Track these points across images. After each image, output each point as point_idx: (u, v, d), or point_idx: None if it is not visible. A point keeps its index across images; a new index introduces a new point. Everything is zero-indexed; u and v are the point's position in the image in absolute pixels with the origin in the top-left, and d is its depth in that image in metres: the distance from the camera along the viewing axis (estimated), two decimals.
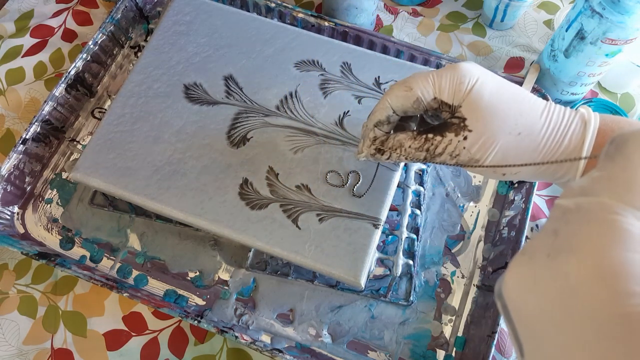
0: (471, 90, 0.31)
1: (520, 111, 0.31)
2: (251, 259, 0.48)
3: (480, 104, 0.31)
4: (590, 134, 0.30)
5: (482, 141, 0.31)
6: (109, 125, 0.46)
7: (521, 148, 0.31)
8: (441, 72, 0.33)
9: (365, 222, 0.42)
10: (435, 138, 0.33)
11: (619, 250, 0.17)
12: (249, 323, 0.47)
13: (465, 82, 0.32)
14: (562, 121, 0.31)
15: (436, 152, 0.33)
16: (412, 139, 0.34)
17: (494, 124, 0.31)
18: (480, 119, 0.31)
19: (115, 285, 0.45)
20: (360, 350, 0.46)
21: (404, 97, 0.33)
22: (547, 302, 0.18)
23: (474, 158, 0.32)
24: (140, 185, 0.44)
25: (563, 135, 0.30)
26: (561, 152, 0.30)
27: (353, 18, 0.58)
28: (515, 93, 0.32)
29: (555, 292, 0.18)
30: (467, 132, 0.31)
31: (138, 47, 0.61)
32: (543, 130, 0.30)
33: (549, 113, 0.31)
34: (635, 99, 0.57)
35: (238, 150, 0.45)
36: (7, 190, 0.50)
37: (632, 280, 0.16)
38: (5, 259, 0.50)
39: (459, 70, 0.32)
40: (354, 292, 0.47)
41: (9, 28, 0.63)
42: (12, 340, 0.47)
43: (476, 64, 0.33)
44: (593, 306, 0.17)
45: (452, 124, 0.32)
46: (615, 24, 0.42)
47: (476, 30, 0.62)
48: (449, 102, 0.32)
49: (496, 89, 0.32)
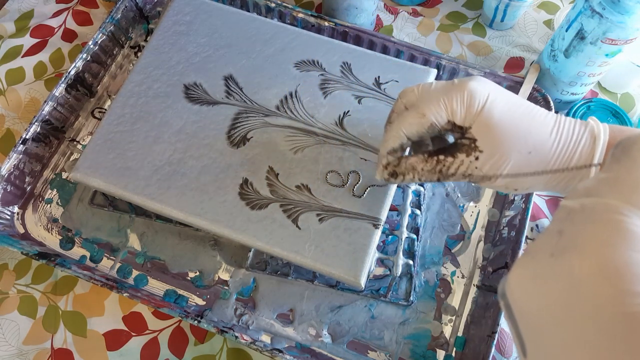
0: (482, 111, 0.32)
1: (530, 130, 0.31)
2: (251, 259, 0.48)
3: (491, 124, 0.31)
4: (600, 147, 0.30)
5: (494, 161, 0.31)
6: (109, 125, 0.46)
7: (532, 166, 0.31)
8: (451, 94, 0.32)
9: (365, 222, 0.42)
10: (447, 159, 0.33)
11: (624, 250, 0.17)
12: (249, 323, 0.47)
13: (476, 103, 0.32)
14: (572, 136, 0.31)
15: (449, 173, 0.33)
16: (424, 162, 0.34)
17: (504, 144, 0.31)
18: (490, 139, 0.31)
19: (115, 285, 0.45)
20: (360, 350, 0.46)
21: (418, 125, 0.33)
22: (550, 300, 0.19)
23: (487, 176, 0.32)
24: (140, 185, 0.44)
25: (573, 151, 0.31)
26: (572, 166, 0.31)
27: (353, 18, 0.58)
28: (526, 111, 0.32)
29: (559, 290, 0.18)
30: (479, 153, 0.32)
31: (138, 47, 0.61)
32: (553, 147, 0.31)
33: (559, 129, 0.31)
34: (635, 99, 0.57)
35: (238, 150, 0.45)
36: (7, 190, 0.50)
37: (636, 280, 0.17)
38: (5, 259, 0.50)
39: (468, 90, 0.32)
40: (354, 292, 0.47)
41: (9, 28, 0.63)
42: (12, 340, 0.47)
43: (485, 80, 0.33)
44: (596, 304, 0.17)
45: (463, 145, 0.33)
46: (615, 24, 0.42)
47: (476, 30, 0.62)
48: (461, 124, 0.32)
49: (506, 108, 0.32)
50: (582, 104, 0.54)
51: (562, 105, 0.55)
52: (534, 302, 0.19)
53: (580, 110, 0.53)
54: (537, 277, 0.20)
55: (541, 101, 0.52)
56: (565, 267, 0.18)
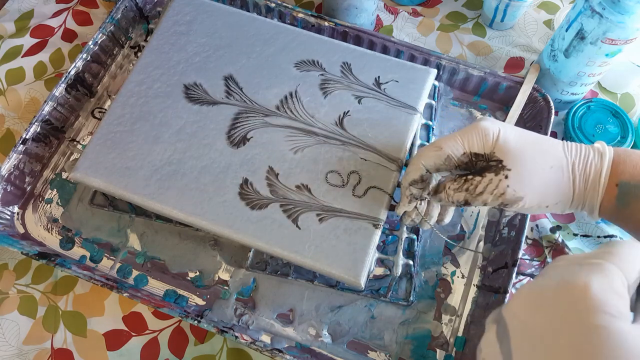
0: (498, 139, 0.35)
1: (544, 149, 0.34)
2: (251, 259, 0.48)
3: (510, 146, 0.34)
4: (607, 162, 0.33)
5: (523, 177, 0.34)
6: (109, 125, 0.46)
7: (556, 180, 0.34)
8: (465, 131, 0.36)
9: (365, 222, 0.42)
10: (475, 178, 0.35)
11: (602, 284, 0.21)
12: (249, 323, 0.47)
13: (490, 134, 0.35)
14: (581, 154, 0.34)
15: (477, 191, 0.35)
16: (452, 181, 0.36)
17: (527, 161, 0.34)
18: (515, 158, 0.34)
19: (115, 285, 0.45)
20: (360, 350, 0.46)
21: (435, 157, 0.36)
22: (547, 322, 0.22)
23: (519, 196, 0.34)
24: (140, 185, 0.44)
25: (584, 165, 0.34)
26: (586, 179, 0.33)
27: (353, 18, 0.58)
28: (535, 136, 0.35)
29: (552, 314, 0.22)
30: (507, 171, 0.34)
31: (138, 47, 0.61)
32: (570, 162, 0.34)
33: (569, 149, 0.34)
34: (635, 99, 0.57)
35: (238, 150, 0.45)
36: (7, 190, 0.50)
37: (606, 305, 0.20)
38: (5, 259, 0.50)
39: (480, 127, 0.35)
40: (354, 292, 0.47)
41: (9, 28, 0.63)
42: (12, 340, 0.47)
43: (493, 119, 0.36)
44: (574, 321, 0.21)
45: (491, 166, 0.35)
46: (615, 24, 0.42)
47: (476, 30, 0.62)
48: (481, 152, 0.35)
49: (518, 135, 0.35)
50: (582, 104, 0.54)
51: (562, 105, 0.55)
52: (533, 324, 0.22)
53: (580, 110, 0.53)
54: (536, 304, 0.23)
55: (541, 101, 0.52)
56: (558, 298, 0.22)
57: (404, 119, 0.46)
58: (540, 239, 0.50)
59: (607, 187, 0.33)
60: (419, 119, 0.47)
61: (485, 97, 0.56)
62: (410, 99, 0.47)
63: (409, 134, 0.46)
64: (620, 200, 0.32)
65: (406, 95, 0.47)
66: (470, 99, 0.56)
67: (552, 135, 0.55)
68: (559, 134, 0.55)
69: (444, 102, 0.56)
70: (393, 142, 0.45)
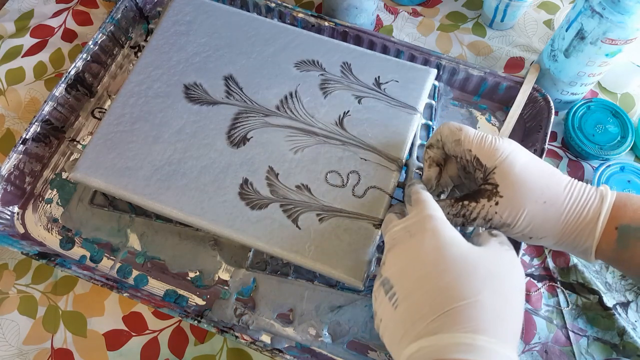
0: (505, 159, 0.35)
1: (547, 184, 0.34)
2: (251, 259, 0.48)
3: (512, 172, 0.35)
4: (607, 207, 0.33)
5: (512, 206, 0.34)
6: (109, 125, 0.46)
7: (546, 216, 0.34)
8: (484, 137, 0.37)
9: (365, 222, 0.42)
10: (470, 204, 0.36)
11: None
12: (249, 323, 0.47)
13: (499, 153, 0.35)
14: (583, 195, 0.34)
15: (471, 217, 0.36)
16: (450, 206, 0.37)
17: (522, 192, 0.34)
18: (510, 186, 0.35)
19: (116, 285, 0.45)
20: (360, 350, 0.46)
21: (452, 133, 0.38)
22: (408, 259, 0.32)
23: (506, 222, 0.35)
24: (140, 185, 0.44)
25: (583, 207, 0.34)
26: (581, 221, 0.34)
27: (353, 18, 0.58)
28: (543, 168, 0.35)
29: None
30: (499, 198, 0.35)
31: (138, 47, 0.61)
32: (566, 201, 0.34)
33: (572, 187, 0.35)
34: (635, 99, 0.57)
35: (238, 150, 0.45)
36: (7, 190, 0.50)
37: None
38: (5, 259, 0.50)
39: (495, 144, 0.36)
40: (354, 292, 0.47)
41: (9, 28, 0.63)
42: (12, 340, 0.47)
43: (511, 141, 0.36)
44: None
45: (486, 190, 0.36)
46: (615, 24, 0.42)
47: (476, 30, 0.62)
48: (483, 163, 0.36)
49: (526, 163, 0.35)
50: (582, 104, 0.54)
51: (562, 105, 0.55)
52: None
53: (580, 110, 0.53)
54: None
55: (541, 101, 0.52)
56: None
57: (404, 119, 0.46)
58: None
59: (605, 231, 0.33)
60: (419, 119, 0.47)
61: (485, 97, 0.56)
62: (410, 99, 0.47)
63: (409, 134, 0.46)
64: (620, 242, 0.33)
65: (406, 95, 0.47)
66: (470, 99, 0.56)
67: (552, 135, 0.55)
68: (559, 134, 0.55)
69: (444, 102, 0.56)
70: (393, 142, 0.45)
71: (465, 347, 0.27)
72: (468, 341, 0.27)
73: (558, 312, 0.47)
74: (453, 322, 0.28)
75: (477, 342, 0.27)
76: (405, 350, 0.29)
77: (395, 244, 0.34)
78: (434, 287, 0.29)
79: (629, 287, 0.48)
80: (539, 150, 0.49)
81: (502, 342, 0.27)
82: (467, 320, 0.27)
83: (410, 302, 0.30)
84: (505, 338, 0.28)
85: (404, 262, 0.32)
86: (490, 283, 0.29)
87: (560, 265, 0.49)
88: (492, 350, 0.27)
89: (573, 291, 0.48)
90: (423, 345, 0.28)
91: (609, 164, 0.51)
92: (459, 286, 0.29)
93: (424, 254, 0.31)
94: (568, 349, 0.46)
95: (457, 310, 0.28)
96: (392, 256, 0.33)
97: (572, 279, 0.48)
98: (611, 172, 0.51)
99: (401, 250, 0.33)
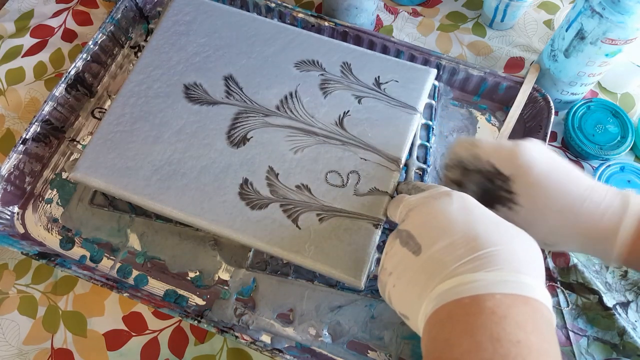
0: (521, 167, 0.34)
1: (566, 190, 0.33)
2: (251, 259, 0.48)
3: (529, 181, 0.34)
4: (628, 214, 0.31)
5: (529, 215, 0.34)
6: (109, 125, 0.46)
7: (565, 223, 0.33)
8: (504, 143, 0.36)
9: (365, 222, 0.42)
10: None
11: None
12: (249, 323, 0.47)
13: (518, 157, 0.34)
14: (603, 200, 0.32)
15: None
16: None
17: (540, 201, 0.34)
18: (528, 196, 0.34)
19: (115, 285, 0.45)
20: (360, 350, 0.46)
21: (467, 149, 0.37)
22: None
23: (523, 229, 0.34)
24: (140, 185, 0.44)
25: (602, 214, 0.32)
26: (601, 228, 0.32)
27: (353, 18, 0.58)
28: (562, 172, 0.34)
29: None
30: (515, 205, 0.34)
31: (138, 47, 0.61)
32: (584, 207, 0.32)
33: (592, 192, 0.33)
34: (635, 99, 0.57)
35: (238, 150, 0.45)
36: (7, 190, 0.50)
37: None
38: (5, 259, 0.50)
39: (516, 147, 0.35)
40: (354, 292, 0.47)
41: (9, 28, 0.63)
42: (12, 340, 0.47)
43: (532, 142, 0.35)
44: None
45: (502, 197, 0.35)
46: (615, 24, 0.42)
47: (476, 30, 0.62)
48: (503, 172, 0.35)
49: (545, 170, 0.34)
50: (582, 104, 0.54)
51: (562, 105, 0.55)
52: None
53: (580, 110, 0.53)
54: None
55: (541, 101, 0.52)
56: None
57: (404, 118, 0.46)
58: None
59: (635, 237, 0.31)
60: (419, 119, 0.47)
61: (485, 97, 0.56)
62: (410, 99, 0.47)
63: (409, 133, 0.46)
64: None
65: (406, 95, 0.47)
66: (470, 99, 0.56)
67: (552, 135, 0.55)
68: (559, 134, 0.55)
69: (444, 102, 0.56)
70: (393, 142, 0.45)
71: (513, 284, 0.26)
72: (514, 279, 0.27)
73: (558, 312, 0.47)
74: (494, 262, 0.27)
75: (522, 279, 0.27)
76: (437, 288, 0.28)
77: (416, 206, 0.33)
78: (465, 235, 0.29)
79: (629, 287, 0.48)
80: None
81: (542, 283, 0.28)
82: (506, 261, 0.27)
83: (439, 247, 0.29)
84: (543, 281, 0.28)
85: (428, 217, 0.31)
86: (518, 234, 0.29)
87: (560, 265, 0.49)
88: (539, 287, 0.27)
89: (573, 291, 0.48)
90: (463, 282, 0.27)
91: (609, 164, 0.51)
92: (490, 234, 0.28)
93: (451, 210, 0.31)
94: (568, 349, 0.46)
95: (494, 253, 0.27)
96: (415, 213, 0.32)
97: (572, 279, 0.48)
98: (611, 172, 0.51)
99: (424, 208, 0.32)
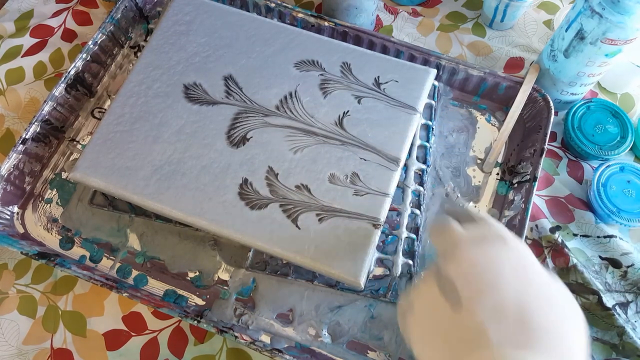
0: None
1: None
2: (251, 259, 0.48)
3: None
4: None
5: None
6: (108, 125, 0.46)
7: None
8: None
9: (365, 222, 0.42)
10: None
11: None
12: (248, 323, 0.47)
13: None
14: None
15: None
16: None
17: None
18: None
19: (115, 285, 0.45)
20: (360, 350, 0.46)
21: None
22: None
23: None
24: (140, 185, 0.44)
25: None
26: None
27: (353, 18, 0.58)
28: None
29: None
30: None
31: (138, 47, 0.61)
32: None
33: None
34: (635, 99, 0.57)
35: (238, 150, 0.45)
36: (7, 190, 0.50)
37: None
38: (5, 259, 0.50)
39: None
40: (353, 292, 0.47)
41: (9, 28, 0.63)
42: (12, 340, 0.47)
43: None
44: None
45: None
46: (615, 24, 0.42)
47: (476, 30, 0.62)
48: None
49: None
50: (581, 104, 0.54)
51: (561, 105, 0.55)
52: None
53: (580, 110, 0.53)
54: None
55: (541, 101, 0.52)
56: None
57: (403, 119, 0.46)
58: (540, 239, 0.50)
59: None
60: (419, 119, 0.47)
61: (485, 97, 0.56)
62: (410, 99, 0.47)
63: (409, 134, 0.46)
64: None
65: (406, 95, 0.47)
66: (470, 99, 0.56)
67: (552, 136, 0.55)
68: (559, 134, 0.55)
69: (443, 102, 0.56)
70: (393, 142, 0.45)
71: None
72: None
73: None
74: (540, 345, 0.26)
75: None
76: (473, 355, 0.27)
77: (466, 247, 0.31)
78: (517, 303, 0.27)
79: (629, 288, 0.48)
80: (538, 150, 0.49)
81: None
82: (552, 347, 0.27)
83: (483, 308, 0.28)
84: None
85: (477, 268, 0.29)
86: (571, 312, 0.29)
87: (560, 265, 0.49)
88: None
89: (572, 291, 0.48)
90: (504, 358, 0.26)
91: (608, 164, 0.51)
92: (542, 309, 0.28)
93: (505, 265, 0.29)
94: None
95: (543, 336, 0.27)
96: (462, 257, 0.30)
97: (571, 279, 0.48)
98: (611, 172, 0.51)
99: (474, 255, 0.30)
